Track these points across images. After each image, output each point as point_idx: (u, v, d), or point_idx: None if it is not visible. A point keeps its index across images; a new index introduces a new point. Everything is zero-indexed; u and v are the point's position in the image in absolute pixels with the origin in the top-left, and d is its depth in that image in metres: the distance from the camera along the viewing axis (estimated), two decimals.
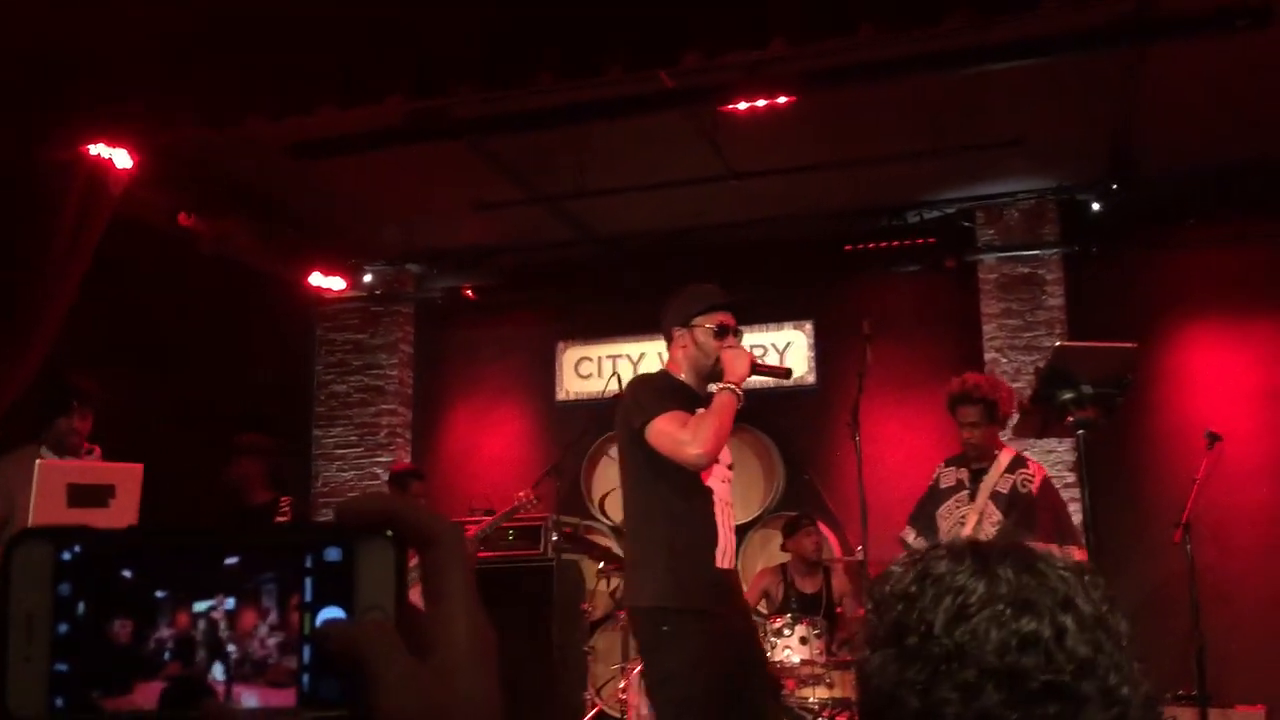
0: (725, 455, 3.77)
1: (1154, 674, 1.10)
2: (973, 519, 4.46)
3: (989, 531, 4.46)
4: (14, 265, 5.59)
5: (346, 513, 0.63)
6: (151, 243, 6.57)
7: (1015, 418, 4.16)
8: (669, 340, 3.90)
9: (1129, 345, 2.76)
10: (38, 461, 4.35)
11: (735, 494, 7.75)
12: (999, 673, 1.02)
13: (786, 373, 3.89)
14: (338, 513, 0.63)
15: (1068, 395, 2.54)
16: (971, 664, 1.03)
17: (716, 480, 3.69)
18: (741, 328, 3.87)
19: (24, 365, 5.48)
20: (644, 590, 3.59)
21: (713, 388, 3.77)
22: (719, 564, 3.58)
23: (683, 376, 3.82)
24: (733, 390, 3.61)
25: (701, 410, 3.63)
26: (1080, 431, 2.54)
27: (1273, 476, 6.78)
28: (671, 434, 3.51)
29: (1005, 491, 4.50)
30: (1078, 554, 4.11)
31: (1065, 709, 1.01)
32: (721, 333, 3.78)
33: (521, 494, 6.50)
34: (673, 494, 3.60)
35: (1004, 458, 4.61)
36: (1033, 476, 4.48)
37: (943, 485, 4.85)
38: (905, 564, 1.15)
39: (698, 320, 3.82)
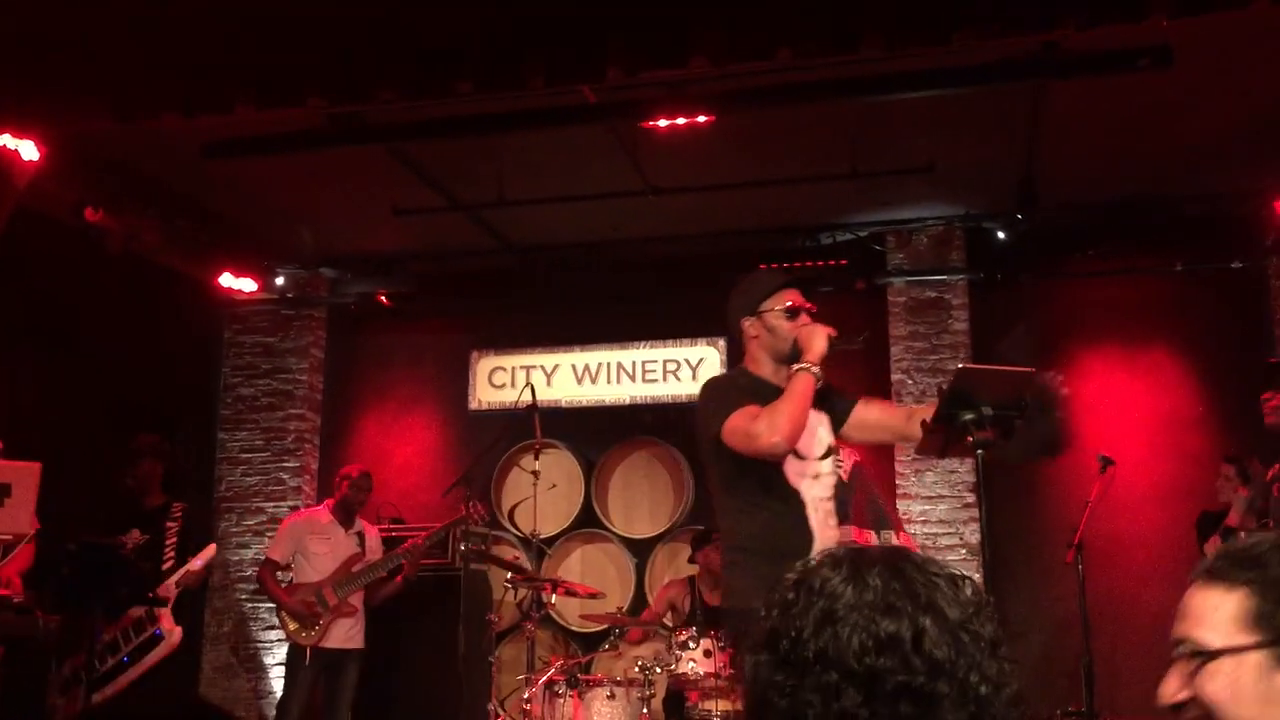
0: (813, 449, 3.54)
1: (1044, 689, 1.17)
2: None
3: None
4: None
5: None
6: (57, 237, 6.41)
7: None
8: (741, 335, 3.66)
9: (1028, 369, 2.87)
10: None
11: (644, 510, 7.85)
12: (858, 675, 1.09)
13: (864, 340, 3.63)
14: None
15: (968, 416, 2.63)
16: (834, 667, 1.09)
17: (805, 479, 3.46)
18: (812, 305, 3.63)
19: None
20: (742, 593, 3.39)
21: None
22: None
23: (763, 371, 3.61)
24: (809, 370, 3.37)
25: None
26: (979, 451, 2.63)
27: (1161, 500, 7.03)
28: (744, 428, 3.32)
29: None
30: (896, 539, 4.12)
31: (918, 709, 1.07)
32: (793, 313, 3.55)
33: (472, 505, 6.51)
34: (760, 500, 3.43)
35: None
36: (843, 463, 4.45)
37: None
38: (794, 574, 1.21)
39: (765, 305, 3.59)
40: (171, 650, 5.72)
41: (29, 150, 5.62)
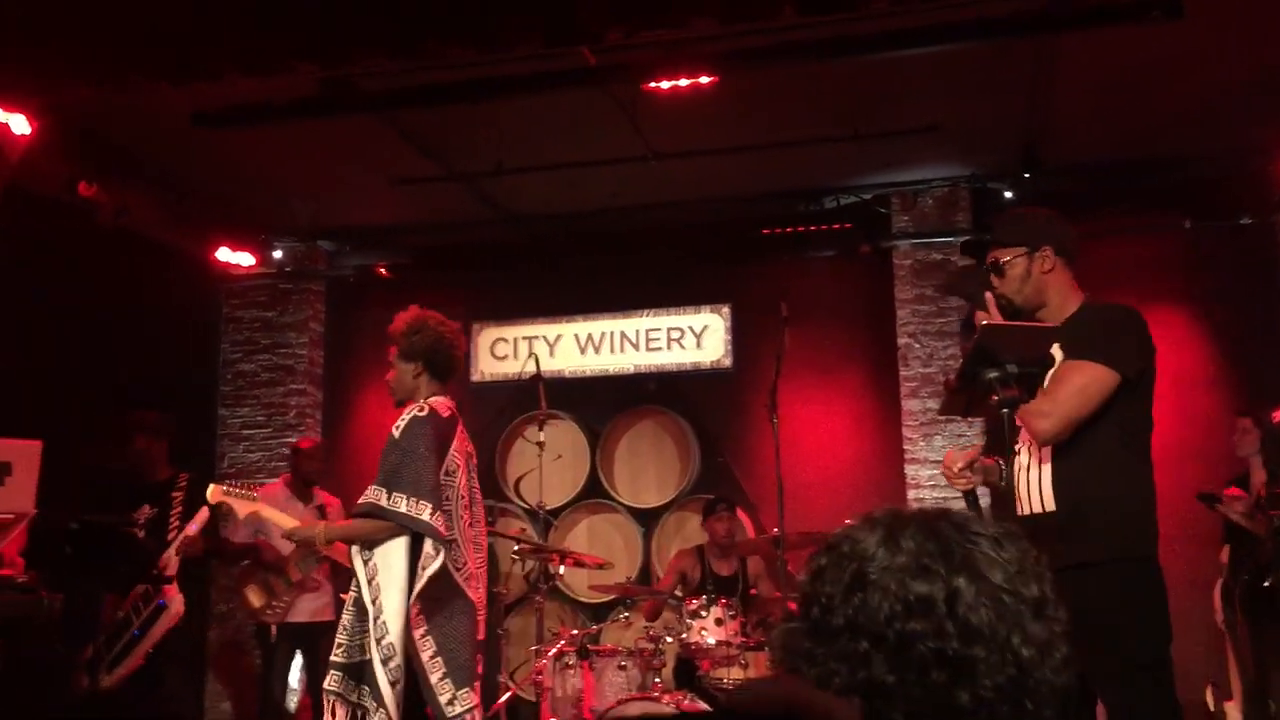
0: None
1: None
2: None
3: None
4: None
5: (742, 703, 0.59)
6: (51, 213, 6.32)
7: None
8: None
9: (1053, 325, 2.79)
10: None
11: (650, 479, 7.79)
12: (888, 642, 1.04)
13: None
14: (731, 703, 0.59)
15: (993, 374, 2.55)
16: (863, 634, 1.05)
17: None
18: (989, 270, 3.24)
19: None
20: None
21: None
22: (1021, 512, 3.14)
23: None
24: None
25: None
26: (1005, 410, 2.55)
27: (1176, 460, 6.93)
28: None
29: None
30: (372, 495, 3.86)
31: (951, 675, 1.03)
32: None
33: None
34: None
35: (414, 404, 4.10)
36: (405, 418, 4.01)
37: None
38: (835, 537, 1.16)
39: None
40: (176, 620, 5.69)
41: (20, 124, 5.53)
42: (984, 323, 2.72)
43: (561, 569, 6.32)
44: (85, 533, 5.30)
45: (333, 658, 4.01)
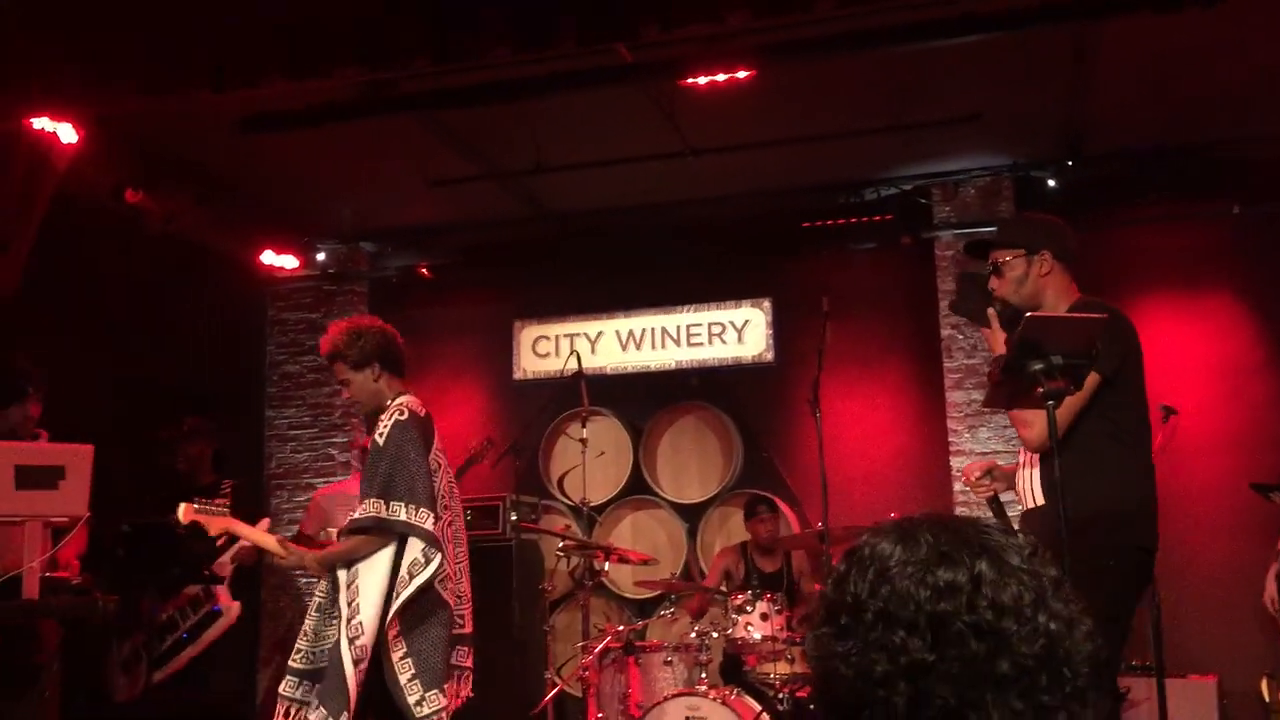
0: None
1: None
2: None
3: None
4: None
5: None
6: (98, 220, 6.42)
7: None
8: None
9: (1098, 316, 2.75)
10: None
11: (693, 475, 7.78)
12: (920, 626, 1.07)
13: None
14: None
15: (1038, 366, 2.52)
16: (896, 624, 1.08)
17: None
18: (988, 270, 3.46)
19: None
20: None
21: None
22: (1026, 504, 3.31)
23: None
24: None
25: None
26: (1050, 402, 2.53)
27: (1227, 449, 6.87)
28: None
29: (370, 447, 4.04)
30: (370, 508, 3.85)
31: (989, 645, 1.05)
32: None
33: (474, 443, 6.48)
34: None
35: (392, 407, 4.14)
36: (387, 423, 4.03)
37: None
38: (853, 547, 1.21)
39: None
40: (230, 625, 5.76)
41: (67, 133, 5.62)
42: (1028, 314, 2.69)
43: (606, 565, 6.34)
44: (137, 535, 5.39)
45: (290, 663, 4.00)
